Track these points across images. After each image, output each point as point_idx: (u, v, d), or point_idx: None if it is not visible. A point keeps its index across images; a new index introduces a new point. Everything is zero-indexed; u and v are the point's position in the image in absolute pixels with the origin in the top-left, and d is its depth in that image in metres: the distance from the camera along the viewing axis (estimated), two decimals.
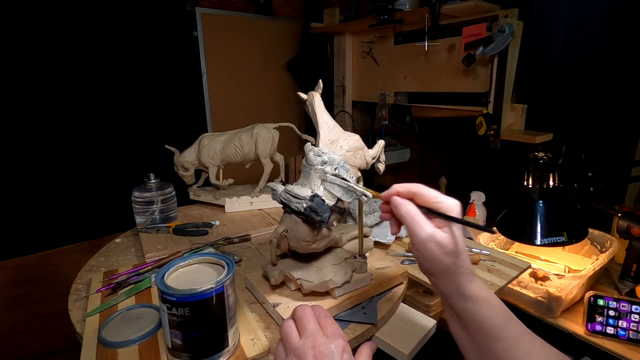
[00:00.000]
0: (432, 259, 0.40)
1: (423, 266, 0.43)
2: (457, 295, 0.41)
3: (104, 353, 0.48)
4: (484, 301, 0.41)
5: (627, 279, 0.88)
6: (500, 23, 1.05)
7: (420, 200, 0.43)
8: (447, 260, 0.40)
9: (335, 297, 0.56)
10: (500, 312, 0.41)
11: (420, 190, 0.43)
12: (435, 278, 0.42)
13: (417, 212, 0.41)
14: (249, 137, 0.99)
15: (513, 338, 0.40)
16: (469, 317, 0.41)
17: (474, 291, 0.41)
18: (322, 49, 1.93)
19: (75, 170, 1.52)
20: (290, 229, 0.55)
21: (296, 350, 0.37)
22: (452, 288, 0.41)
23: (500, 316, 0.41)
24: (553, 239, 0.77)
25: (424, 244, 0.40)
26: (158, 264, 0.70)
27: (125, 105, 1.62)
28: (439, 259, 0.40)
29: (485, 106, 1.17)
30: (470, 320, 0.41)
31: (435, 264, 0.40)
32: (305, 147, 0.57)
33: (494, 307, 0.41)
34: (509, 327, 0.41)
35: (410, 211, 0.41)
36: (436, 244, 0.39)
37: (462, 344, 0.44)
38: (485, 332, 0.40)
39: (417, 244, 0.41)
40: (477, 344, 0.41)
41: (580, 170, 0.85)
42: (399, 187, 0.44)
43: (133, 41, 1.59)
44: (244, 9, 1.91)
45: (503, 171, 1.44)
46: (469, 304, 0.41)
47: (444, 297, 0.43)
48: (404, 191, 0.44)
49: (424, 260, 0.41)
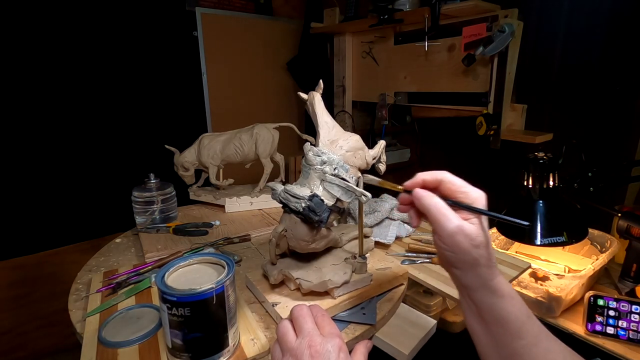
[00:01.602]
0: (461, 252, 0.39)
1: (448, 259, 0.41)
2: (483, 289, 0.40)
3: (104, 353, 0.48)
4: (508, 296, 0.40)
5: (627, 279, 0.88)
6: (500, 23, 1.05)
7: (447, 188, 0.41)
8: (476, 252, 0.38)
9: (334, 297, 0.56)
10: (523, 309, 0.40)
11: (447, 177, 0.41)
12: (461, 271, 0.41)
13: (442, 204, 0.40)
14: (249, 137, 0.99)
15: (533, 335, 0.40)
16: (492, 312, 0.40)
17: (499, 285, 0.40)
18: (322, 49, 1.93)
19: (75, 170, 1.52)
20: (289, 229, 0.55)
21: (292, 350, 0.36)
22: (478, 281, 0.40)
23: (522, 313, 0.40)
24: (553, 239, 0.77)
25: (452, 236, 0.38)
26: (158, 264, 0.70)
27: (126, 106, 1.62)
28: (468, 252, 0.38)
29: (485, 106, 1.16)
30: (492, 315, 0.40)
31: (463, 256, 0.39)
32: (305, 147, 0.57)
33: (517, 303, 0.40)
34: (530, 324, 0.40)
35: (436, 203, 0.40)
36: (465, 236, 0.38)
37: (479, 338, 0.43)
38: (506, 327, 0.40)
39: (444, 237, 0.39)
40: (496, 339, 0.41)
41: (580, 170, 0.85)
42: (425, 175, 0.43)
43: (133, 41, 1.59)
44: (244, 9, 1.91)
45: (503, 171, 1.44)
46: (494, 299, 0.40)
47: (465, 290, 0.42)
48: (431, 179, 0.42)
49: (451, 253, 0.40)
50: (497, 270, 0.40)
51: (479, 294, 0.41)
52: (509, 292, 0.40)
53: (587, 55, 1.17)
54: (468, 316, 0.44)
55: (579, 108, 1.22)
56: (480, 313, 0.41)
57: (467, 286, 0.41)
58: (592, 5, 1.14)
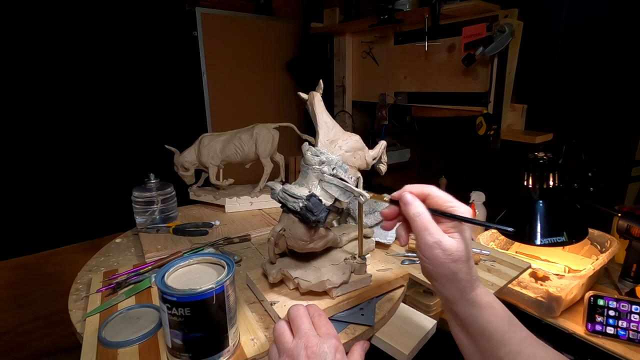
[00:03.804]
0: (438, 265, 0.39)
1: (427, 270, 0.41)
2: (461, 301, 0.41)
3: (104, 353, 0.48)
4: (488, 306, 0.40)
5: (627, 279, 0.88)
6: (500, 23, 1.05)
7: (433, 203, 0.42)
8: (453, 267, 0.39)
9: (333, 297, 0.56)
10: (504, 317, 0.41)
11: (433, 192, 0.42)
12: (439, 284, 0.41)
13: (427, 217, 0.40)
14: (249, 137, 0.99)
15: (516, 342, 0.40)
16: (473, 323, 0.41)
17: (477, 297, 0.40)
18: (322, 49, 1.93)
19: (75, 170, 1.52)
20: (287, 228, 0.55)
21: (289, 351, 0.37)
22: (456, 294, 0.40)
23: (504, 321, 0.40)
24: (553, 239, 0.77)
25: (431, 250, 0.39)
26: (158, 264, 0.70)
27: (126, 105, 1.62)
28: (445, 266, 0.39)
29: (485, 106, 1.16)
30: (473, 326, 0.41)
31: (441, 270, 0.39)
32: (303, 147, 0.57)
33: (497, 312, 0.40)
34: (513, 331, 0.40)
35: (421, 213, 0.40)
36: (442, 251, 0.38)
37: (465, 349, 0.43)
38: (488, 337, 0.40)
39: (424, 250, 0.40)
40: (480, 349, 0.41)
41: (580, 170, 0.85)
42: (411, 187, 0.43)
43: (133, 41, 1.59)
44: (244, 9, 1.91)
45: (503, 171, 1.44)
46: (473, 310, 0.40)
47: (446, 303, 0.43)
48: (417, 192, 0.42)
49: (430, 265, 0.40)
50: (477, 282, 0.41)
51: (459, 306, 0.41)
52: (489, 302, 0.41)
53: (587, 55, 1.17)
54: (452, 327, 0.44)
55: (579, 108, 1.22)
56: (462, 324, 0.42)
57: (447, 298, 0.42)
58: (592, 5, 1.14)
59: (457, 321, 0.43)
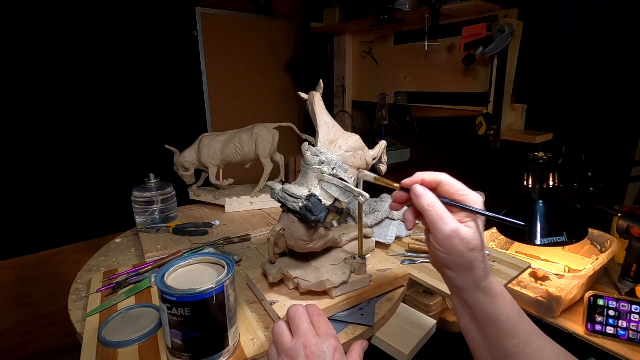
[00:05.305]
0: (456, 255, 0.39)
1: (442, 260, 0.41)
2: (475, 289, 0.40)
3: (104, 353, 0.48)
4: (500, 296, 0.40)
5: (627, 279, 0.88)
6: (500, 23, 1.05)
7: (445, 191, 0.41)
8: (470, 256, 0.39)
9: (333, 297, 0.56)
10: (514, 309, 0.41)
11: (446, 179, 0.41)
12: (454, 273, 0.41)
13: (440, 206, 0.40)
14: (249, 137, 0.99)
15: (525, 335, 0.40)
16: (484, 312, 0.41)
17: (491, 286, 0.40)
18: (322, 49, 1.93)
19: (75, 170, 1.52)
20: (287, 228, 0.55)
21: (288, 351, 0.37)
22: (470, 282, 0.40)
23: (514, 313, 0.40)
24: (553, 239, 0.77)
25: (448, 239, 0.39)
26: (158, 264, 0.70)
27: (126, 105, 1.62)
28: (463, 255, 0.39)
29: (485, 106, 1.16)
30: (484, 315, 0.41)
31: (458, 259, 0.39)
32: (303, 147, 0.57)
33: (508, 302, 0.41)
34: (523, 324, 0.40)
35: (435, 203, 0.40)
36: (461, 240, 0.38)
37: (473, 339, 0.43)
38: (498, 326, 0.40)
39: (440, 239, 0.39)
40: (489, 340, 0.41)
41: (580, 170, 0.85)
42: (424, 175, 0.42)
43: (133, 41, 1.59)
44: (244, 9, 1.91)
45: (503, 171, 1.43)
46: (485, 299, 0.40)
47: (458, 292, 0.42)
48: (430, 179, 0.42)
49: (446, 255, 0.40)
50: (489, 271, 0.41)
51: (472, 294, 0.41)
52: (501, 292, 0.41)
53: (587, 55, 1.17)
54: (461, 317, 0.44)
55: (579, 108, 1.22)
56: (473, 314, 0.42)
57: (460, 287, 0.41)
58: (592, 5, 1.14)
59: (467, 310, 0.42)
